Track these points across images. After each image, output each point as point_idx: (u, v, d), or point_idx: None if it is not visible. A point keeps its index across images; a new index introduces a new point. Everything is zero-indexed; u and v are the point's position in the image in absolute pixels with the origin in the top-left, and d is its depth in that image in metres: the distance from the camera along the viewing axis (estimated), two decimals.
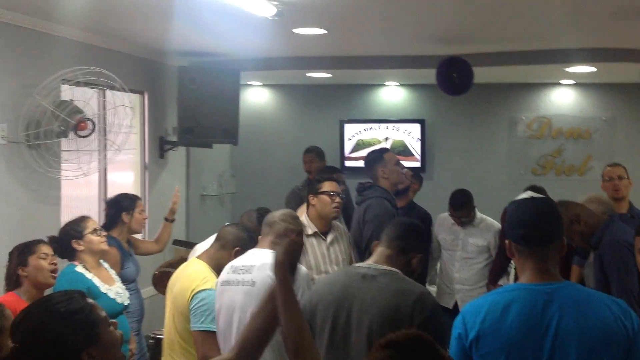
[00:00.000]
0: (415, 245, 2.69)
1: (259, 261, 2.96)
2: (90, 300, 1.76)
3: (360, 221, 4.35)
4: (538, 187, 5.06)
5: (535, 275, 2.13)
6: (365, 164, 4.70)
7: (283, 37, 4.86)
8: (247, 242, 3.34)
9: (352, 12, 4.15)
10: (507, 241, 2.25)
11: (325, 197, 4.05)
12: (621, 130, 7.64)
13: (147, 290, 4.96)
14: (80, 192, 5.20)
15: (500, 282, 5.35)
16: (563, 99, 7.86)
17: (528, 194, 2.37)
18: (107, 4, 3.95)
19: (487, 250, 5.09)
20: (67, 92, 4.51)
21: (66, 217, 4.12)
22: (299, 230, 3.03)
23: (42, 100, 4.14)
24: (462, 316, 2.17)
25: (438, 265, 5.49)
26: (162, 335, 4.47)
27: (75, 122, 4.13)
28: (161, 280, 4.99)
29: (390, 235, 2.68)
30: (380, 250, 2.67)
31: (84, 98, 4.48)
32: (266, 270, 2.87)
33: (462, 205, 5.05)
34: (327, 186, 4.10)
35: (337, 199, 4.08)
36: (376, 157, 4.62)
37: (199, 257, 3.42)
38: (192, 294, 3.15)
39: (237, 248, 3.28)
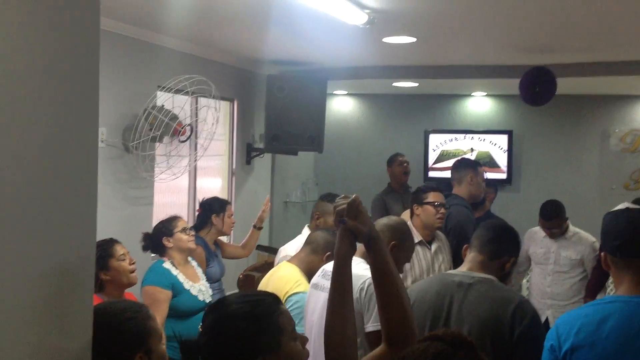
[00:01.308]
0: (507, 248, 2.62)
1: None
2: (281, 307, 1.74)
3: (443, 229, 4.35)
4: None
5: (634, 288, 2.07)
6: (456, 165, 4.71)
7: (372, 45, 4.89)
8: None
9: (442, 20, 4.13)
10: (602, 253, 2.19)
11: (430, 208, 4.05)
12: None
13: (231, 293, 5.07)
14: (171, 199, 5.39)
15: (598, 297, 5.17)
16: None
17: (624, 205, 2.30)
18: (203, 14, 4.09)
19: (581, 265, 4.92)
20: (162, 99, 4.70)
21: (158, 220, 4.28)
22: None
23: (146, 106, 4.32)
24: (555, 328, 2.12)
25: (524, 280, 5.36)
26: None
27: (176, 127, 4.29)
28: (246, 283, 5.10)
29: (481, 240, 2.62)
30: (472, 256, 2.62)
31: (179, 104, 4.64)
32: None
33: (553, 216, 4.91)
34: (432, 197, 4.10)
35: (442, 210, 4.09)
36: (471, 164, 4.68)
37: (289, 260, 3.46)
38: (286, 297, 3.18)
39: (328, 253, 3.30)
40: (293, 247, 3.77)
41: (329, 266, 3.11)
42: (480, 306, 2.44)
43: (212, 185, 6.07)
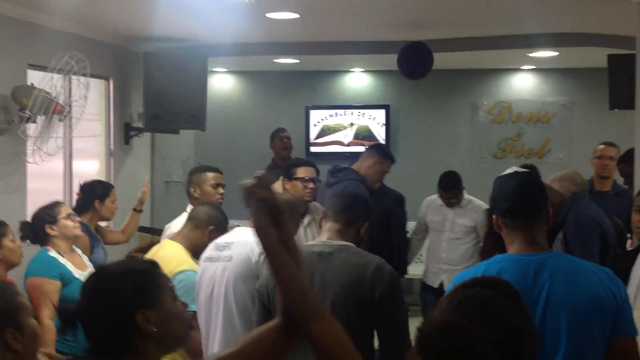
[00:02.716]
0: (361, 215, 2.73)
1: (239, 237, 3.00)
2: (160, 270, 1.72)
3: (325, 212, 4.43)
4: (529, 165, 5.20)
5: (524, 246, 2.19)
6: (372, 146, 4.94)
7: (255, 21, 4.85)
8: (222, 221, 3.34)
9: None
10: (494, 216, 2.31)
11: (297, 183, 4.12)
12: (579, 115, 7.86)
13: None
14: (45, 185, 5.10)
15: None
16: (523, 84, 8.03)
17: (513, 169, 2.43)
18: None
19: (474, 231, 5.17)
20: (33, 78, 4.44)
21: (32, 209, 4.04)
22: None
23: (16, 85, 4.06)
24: (452, 285, 2.21)
25: (425, 247, 5.55)
26: None
27: (55, 107, 4.06)
28: None
29: (336, 209, 2.72)
30: (329, 226, 2.70)
31: (51, 83, 4.39)
32: (243, 246, 2.93)
33: (451, 187, 5.12)
34: (300, 172, 4.15)
35: (311, 185, 4.14)
36: (380, 152, 4.84)
37: (172, 238, 3.39)
38: (171, 277, 3.12)
39: (211, 227, 3.27)
40: (179, 224, 3.70)
41: (220, 239, 3.11)
42: (342, 273, 2.54)
43: (89, 167, 5.82)
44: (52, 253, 3.51)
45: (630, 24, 4.22)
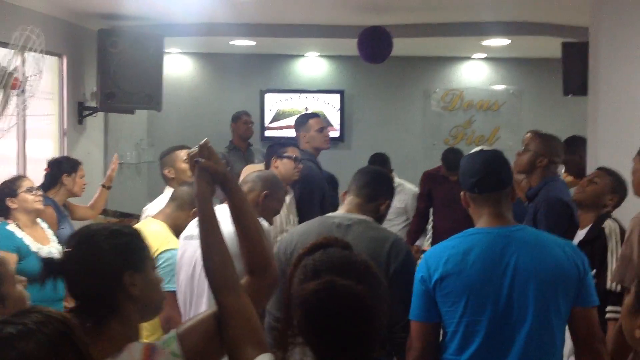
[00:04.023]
0: (382, 191, 2.78)
1: (220, 216, 2.97)
2: (144, 238, 1.76)
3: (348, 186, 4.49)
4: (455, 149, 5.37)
5: (492, 220, 2.28)
6: (295, 128, 4.83)
7: (213, 1, 4.82)
8: None
9: None
10: (462, 193, 2.38)
11: (288, 161, 4.15)
12: (528, 103, 8.08)
13: None
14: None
15: (418, 242, 5.63)
16: (474, 72, 8.20)
17: (479, 148, 2.51)
18: None
19: (404, 213, 5.34)
20: None
21: None
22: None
23: None
24: (425, 260, 2.28)
25: None
26: None
27: (13, 82, 3.98)
28: None
29: (358, 184, 2.75)
30: (350, 199, 2.74)
31: (8, 58, 4.28)
32: (230, 225, 2.91)
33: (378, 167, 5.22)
34: (291, 151, 4.21)
35: (300, 164, 4.19)
36: (300, 122, 4.79)
37: (155, 216, 3.37)
38: (156, 255, 3.11)
39: (195, 209, 3.25)
40: (156, 207, 3.68)
41: None
42: (358, 245, 2.53)
43: (43, 147, 5.69)
44: (10, 227, 3.51)
45: (583, 13, 4.37)
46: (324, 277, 1.45)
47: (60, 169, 4.28)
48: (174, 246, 3.13)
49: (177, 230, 3.22)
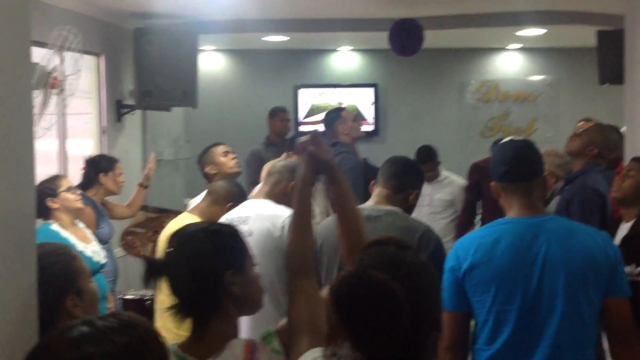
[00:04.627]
0: (411, 182, 2.78)
1: (255, 212, 2.97)
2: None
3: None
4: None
5: (522, 209, 2.27)
6: (324, 124, 4.88)
7: None
8: (240, 197, 3.36)
9: None
10: (492, 183, 2.38)
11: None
12: (565, 93, 7.96)
13: (116, 251, 4.95)
14: (41, 169, 5.06)
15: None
16: (510, 63, 8.11)
17: (509, 137, 2.50)
18: None
19: (452, 205, 5.27)
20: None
21: None
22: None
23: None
24: (454, 250, 2.29)
25: None
26: (130, 296, 4.48)
27: (52, 81, 4.06)
28: (126, 241, 4.98)
29: (386, 175, 2.76)
30: (378, 191, 2.75)
31: (48, 58, 4.38)
32: (262, 220, 2.91)
33: (427, 160, 5.21)
34: None
35: None
36: (335, 116, 4.86)
37: (190, 211, 3.42)
38: None
39: (230, 203, 3.28)
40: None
41: (231, 214, 3.10)
42: None
43: (82, 146, 5.81)
44: (55, 226, 3.51)
45: (619, 1, 4.30)
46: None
47: (98, 168, 4.30)
48: None
49: None
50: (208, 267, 1.67)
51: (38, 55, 4.32)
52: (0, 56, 1.46)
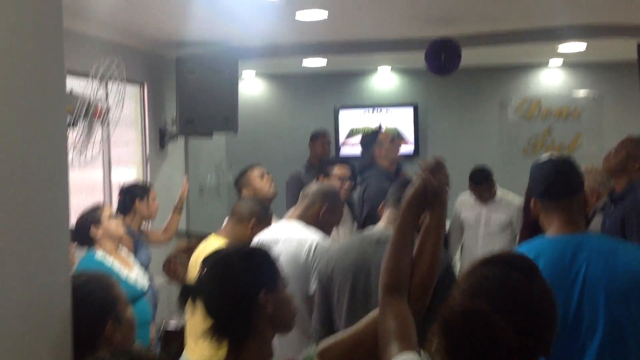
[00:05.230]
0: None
1: (284, 235, 3.02)
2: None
3: (360, 200, 4.54)
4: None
5: (562, 227, 2.23)
6: (361, 146, 4.89)
7: (284, 21, 4.93)
8: (263, 213, 3.41)
9: None
10: (532, 201, 2.35)
11: (334, 181, 4.18)
12: (609, 109, 7.82)
13: (158, 279, 5.02)
14: (86, 199, 5.16)
15: None
16: (551, 79, 8.02)
17: (547, 154, 2.47)
18: None
19: (509, 226, 5.13)
20: (69, 84, 4.54)
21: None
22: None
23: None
24: None
25: (461, 245, 5.53)
26: (172, 328, 4.53)
27: (95, 110, 4.17)
28: (170, 268, 5.04)
29: (395, 196, 2.71)
30: (389, 213, 2.72)
31: (91, 89, 4.50)
32: (290, 244, 2.95)
33: (482, 180, 5.12)
34: (337, 170, 4.24)
35: (347, 184, 4.22)
36: (371, 139, 4.87)
37: (217, 233, 3.47)
38: None
39: (253, 220, 3.34)
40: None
41: (264, 235, 3.14)
42: None
43: (127, 175, 5.93)
44: (99, 254, 3.57)
45: None
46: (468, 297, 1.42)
47: (132, 195, 4.37)
48: None
49: None
50: (242, 287, 1.69)
51: (81, 86, 4.45)
52: (34, 87, 1.50)
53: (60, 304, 1.59)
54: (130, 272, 3.63)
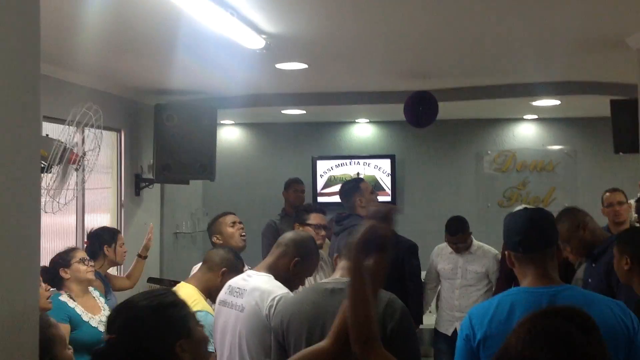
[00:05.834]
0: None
1: (250, 285, 2.96)
2: (182, 298, 1.80)
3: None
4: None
5: (537, 280, 2.23)
6: (341, 194, 4.84)
7: (264, 72, 4.98)
8: (234, 263, 3.39)
9: (331, 47, 4.30)
10: (506, 252, 2.35)
11: (309, 229, 4.15)
12: (583, 163, 7.95)
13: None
14: (58, 243, 5.12)
15: None
16: (526, 133, 8.15)
17: (522, 206, 2.49)
18: (87, 42, 3.99)
19: (486, 277, 5.13)
20: (46, 129, 4.54)
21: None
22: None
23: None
24: (469, 318, 2.25)
25: (437, 295, 5.51)
26: None
27: (69, 156, 4.16)
28: None
29: (348, 247, 2.71)
30: (343, 263, 2.69)
31: (67, 134, 4.49)
32: (254, 296, 2.89)
33: (457, 231, 5.12)
34: (313, 218, 4.22)
35: (322, 232, 4.19)
36: (353, 187, 4.79)
37: (187, 280, 3.43)
38: None
39: (223, 269, 3.32)
40: None
41: (234, 281, 3.11)
42: None
43: (100, 221, 5.87)
44: (63, 297, 3.59)
45: (631, 71, 4.33)
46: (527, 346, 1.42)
47: (101, 241, 4.36)
48: (201, 308, 3.14)
49: (208, 292, 3.28)
50: (156, 345, 1.66)
51: (59, 131, 4.44)
52: (8, 130, 1.49)
53: (27, 341, 1.55)
54: (94, 316, 3.60)
